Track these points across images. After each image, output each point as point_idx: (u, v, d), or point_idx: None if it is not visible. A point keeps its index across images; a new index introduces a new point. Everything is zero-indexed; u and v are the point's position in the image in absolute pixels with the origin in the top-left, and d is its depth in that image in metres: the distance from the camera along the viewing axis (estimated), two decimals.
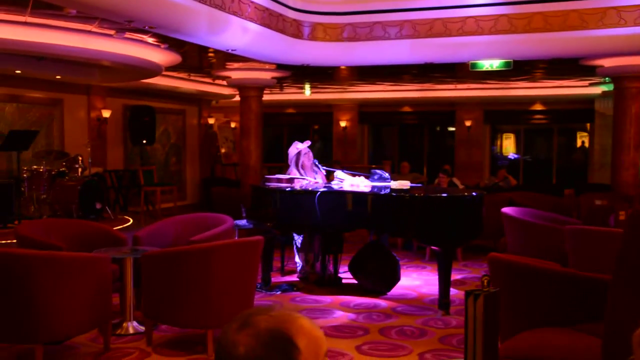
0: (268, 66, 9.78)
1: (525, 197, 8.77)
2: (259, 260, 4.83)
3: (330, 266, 6.66)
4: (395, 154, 17.13)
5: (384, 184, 6.41)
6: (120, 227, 8.77)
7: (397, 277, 6.38)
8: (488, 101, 14.80)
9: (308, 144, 6.71)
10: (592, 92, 13.29)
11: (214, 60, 9.53)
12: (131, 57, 8.25)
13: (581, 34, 7.30)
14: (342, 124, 16.45)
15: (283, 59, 8.69)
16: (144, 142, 12.46)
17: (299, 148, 6.64)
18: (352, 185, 6.41)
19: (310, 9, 7.98)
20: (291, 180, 6.43)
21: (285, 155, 7.43)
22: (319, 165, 6.66)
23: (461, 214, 5.50)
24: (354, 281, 6.55)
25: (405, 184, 6.35)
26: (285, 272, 7.19)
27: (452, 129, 16.11)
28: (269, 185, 6.45)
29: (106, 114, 11.95)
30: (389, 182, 6.47)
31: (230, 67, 10.10)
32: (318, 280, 6.65)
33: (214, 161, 15.73)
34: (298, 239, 6.79)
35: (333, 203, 5.91)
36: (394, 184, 6.35)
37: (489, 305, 2.15)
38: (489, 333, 2.15)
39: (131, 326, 4.92)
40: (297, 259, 6.92)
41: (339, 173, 6.70)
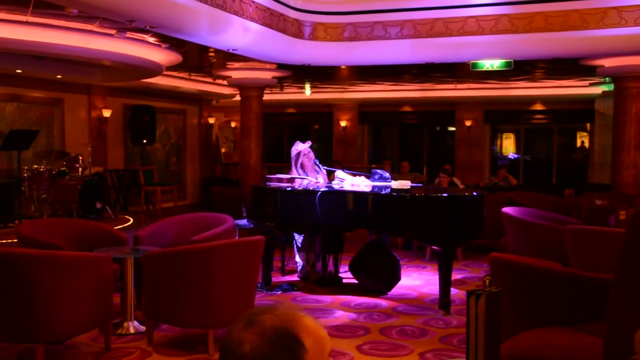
0: (269, 66, 9.78)
1: (525, 196, 8.78)
2: (260, 260, 4.83)
3: (331, 266, 6.67)
4: (396, 153, 17.13)
5: (384, 184, 6.42)
6: (120, 226, 8.78)
7: (398, 276, 6.38)
8: (488, 101, 14.81)
9: (309, 144, 6.71)
10: (592, 92, 13.30)
11: (214, 59, 9.54)
12: (132, 56, 8.25)
13: (582, 34, 7.30)
14: (342, 123, 16.45)
15: (284, 59, 8.70)
16: (145, 141, 12.46)
17: (298, 149, 6.64)
18: (353, 185, 6.41)
19: (311, 8, 7.98)
20: (292, 180, 6.44)
21: (285, 155, 7.43)
22: (320, 165, 6.66)
23: (462, 214, 5.51)
24: (355, 281, 6.56)
25: (405, 183, 6.35)
26: (285, 272, 7.19)
27: (452, 128, 16.12)
28: (269, 185, 6.45)
29: (107, 113, 11.96)
30: (389, 182, 6.47)
31: (231, 66, 10.11)
32: (319, 280, 6.65)
33: (214, 161, 15.74)
34: (298, 238, 6.80)
35: (334, 203, 5.91)
36: (395, 184, 6.36)
37: (490, 305, 2.15)
38: (491, 333, 2.16)
39: (132, 326, 4.92)
40: (297, 258, 6.93)
41: (340, 173, 6.70)
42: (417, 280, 6.91)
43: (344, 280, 6.69)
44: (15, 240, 5.85)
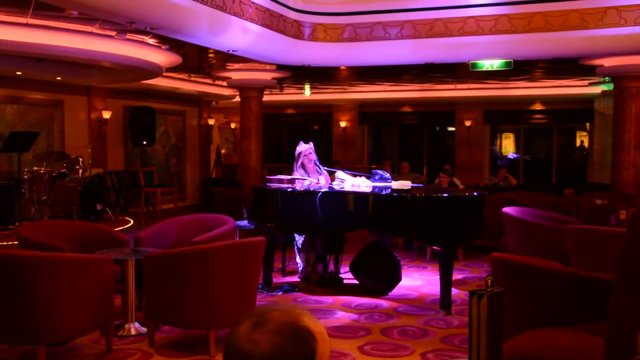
0: (268, 67, 9.78)
1: (525, 196, 8.78)
2: (261, 261, 4.83)
3: (332, 266, 6.67)
4: (395, 154, 17.14)
5: (384, 184, 6.42)
6: (120, 228, 8.77)
7: (399, 277, 6.38)
8: (488, 101, 14.81)
9: (310, 145, 6.71)
10: (591, 92, 13.31)
11: (214, 61, 9.54)
12: (132, 58, 8.25)
13: (581, 33, 7.30)
14: (342, 124, 16.46)
15: (284, 60, 8.70)
16: (144, 143, 12.46)
17: (299, 149, 6.65)
18: (353, 185, 6.41)
19: (310, 9, 7.98)
20: (292, 181, 6.44)
21: (285, 156, 7.44)
22: (320, 166, 6.66)
23: (462, 214, 5.51)
24: (355, 281, 6.56)
25: (406, 184, 6.35)
26: (286, 273, 7.19)
27: (452, 129, 16.12)
28: (270, 186, 6.45)
29: (106, 115, 11.96)
30: (389, 182, 6.48)
31: (231, 67, 10.11)
32: (319, 281, 6.65)
33: (214, 162, 15.74)
34: (299, 239, 6.80)
35: (334, 203, 5.91)
36: (395, 184, 6.36)
37: (493, 305, 2.15)
38: (493, 333, 2.15)
39: (133, 327, 4.92)
40: (298, 259, 6.93)
41: (340, 173, 6.70)
42: (417, 281, 6.91)
43: (345, 281, 6.69)
44: (16, 242, 5.84)
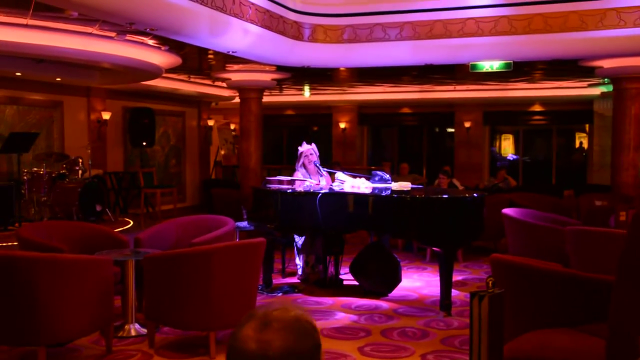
0: (268, 68, 9.78)
1: (524, 198, 8.78)
2: (261, 262, 4.83)
3: (331, 268, 6.67)
4: (395, 155, 17.14)
5: (384, 186, 6.42)
6: (120, 229, 8.76)
7: (398, 278, 6.38)
8: (487, 102, 14.81)
9: (313, 146, 6.70)
10: (591, 93, 13.31)
11: (213, 62, 9.54)
12: (131, 59, 8.25)
13: (581, 35, 7.31)
14: (342, 125, 16.46)
15: (283, 61, 8.70)
16: (144, 144, 12.45)
17: (301, 149, 6.65)
18: (353, 186, 6.41)
19: (310, 10, 7.98)
20: (292, 182, 6.44)
21: (285, 157, 7.43)
22: (320, 167, 6.65)
23: (463, 215, 5.51)
24: (355, 283, 6.55)
25: (406, 185, 6.34)
26: (286, 274, 7.19)
27: (452, 130, 16.13)
28: (270, 187, 6.45)
29: (106, 116, 11.95)
30: (389, 183, 6.48)
31: (230, 68, 10.11)
32: (319, 282, 6.65)
33: (214, 163, 15.74)
34: (299, 240, 6.80)
35: (334, 204, 5.91)
36: (395, 185, 6.35)
37: (494, 307, 2.15)
38: (494, 334, 2.16)
39: (133, 328, 4.92)
40: (298, 260, 6.93)
41: (340, 174, 6.70)
42: (417, 282, 6.91)
43: (345, 282, 6.69)
44: (16, 243, 5.84)
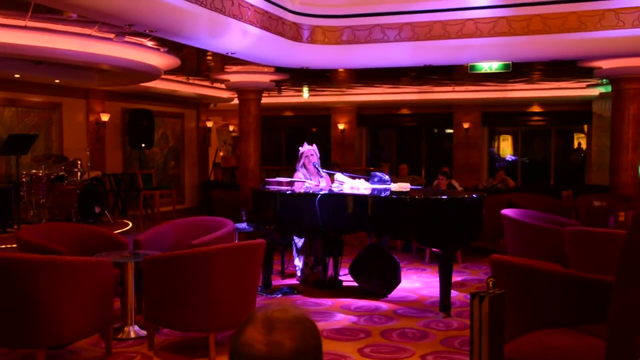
0: (267, 69, 9.78)
1: (523, 198, 8.79)
2: (261, 263, 4.83)
3: (331, 269, 6.66)
4: (394, 156, 17.15)
5: (383, 187, 6.42)
6: (119, 231, 8.75)
7: (398, 279, 6.39)
8: (486, 103, 14.82)
9: (314, 146, 6.70)
10: (589, 94, 13.33)
11: (212, 63, 9.53)
12: (130, 60, 8.24)
13: (580, 35, 7.31)
14: (341, 126, 16.46)
15: (282, 62, 8.70)
16: (143, 145, 12.44)
17: (302, 150, 6.64)
18: (352, 187, 6.41)
19: (309, 12, 7.98)
20: (291, 183, 6.44)
21: (284, 158, 7.42)
22: (319, 168, 6.65)
23: (462, 216, 5.51)
24: (355, 284, 6.55)
25: (405, 186, 6.35)
26: (285, 275, 7.19)
27: (450, 131, 16.14)
28: (269, 188, 6.45)
29: (105, 117, 11.94)
30: (389, 184, 6.48)
31: (229, 70, 10.10)
32: (318, 283, 6.65)
33: (213, 164, 15.73)
34: (298, 241, 6.79)
35: (334, 206, 5.91)
36: (394, 187, 6.36)
37: (494, 307, 2.15)
38: (495, 335, 2.16)
39: (133, 330, 4.92)
40: (297, 261, 6.92)
41: (339, 176, 6.70)
42: (416, 283, 6.91)
43: (344, 283, 6.69)
44: (15, 246, 5.84)
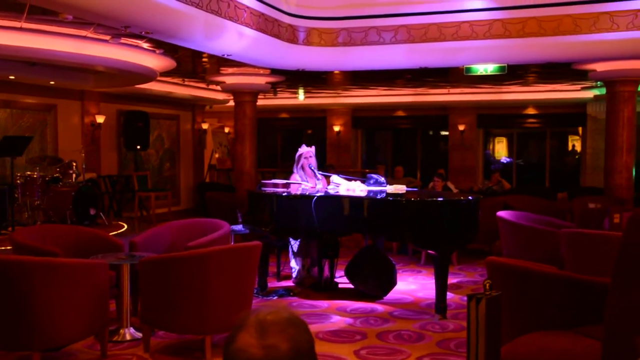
0: (262, 71, 9.78)
1: (518, 200, 8.82)
2: (257, 265, 4.82)
3: (327, 271, 6.66)
4: (389, 158, 17.17)
5: (379, 189, 6.42)
6: (114, 232, 8.72)
7: (394, 281, 6.39)
8: (481, 105, 14.86)
9: (312, 148, 6.69)
10: (584, 97, 13.38)
11: (208, 65, 9.53)
12: (126, 62, 8.23)
13: (574, 38, 7.34)
14: (336, 128, 16.47)
15: (278, 64, 8.70)
16: (138, 147, 12.42)
17: (300, 151, 6.64)
18: (348, 189, 6.41)
19: (305, 14, 7.99)
20: (287, 185, 6.43)
21: (279, 160, 7.41)
22: (315, 171, 6.64)
23: (458, 218, 5.52)
24: (351, 286, 6.55)
25: (401, 188, 6.35)
26: (281, 277, 7.18)
27: (446, 133, 16.16)
28: (265, 190, 6.44)
29: (100, 119, 11.92)
30: (384, 186, 6.47)
31: (225, 72, 10.10)
32: (314, 285, 6.65)
33: (208, 166, 15.71)
34: (294, 243, 6.79)
35: (330, 208, 5.91)
36: (390, 188, 6.36)
37: (491, 309, 2.16)
38: (491, 337, 2.16)
39: (128, 333, 4.90)
40: (293, 263, 6.92)
41: (335, 178, 6.69)
42: (412, 285, 6.91)
43: (340, 286, 6.68)
44: (10, 248, 5.81)
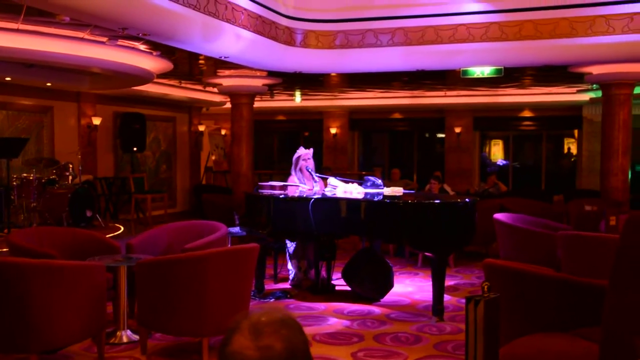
0: (259, 73, 9.79)
1: (515, 203, 8.83)
2: (254, 267, 4.82)
3: (324, 273, 6.66)
4: (386, 160, 17.18)
5: (376, 191, 6.43)
6: (110, 235, 8.72)
7: (391, 283, 6.39)
8: (477, 108, 14.90)
9: (310, 150, 6.69)
10: (580, 99, 13.43)
11: (205, 67, 9.53)
12: (122, 64, 8.22)
13: (571, 41, 7.38)
14: (333, 130, 16.48)
15: (275, 66, 8.71)
16: (135, 149, 12.42)
17: (299, 153, 6.64)
18: (345, 192, 6.41)
19: (302, 16, 8.00)
20: (284, 187, 6.43)
21: (276, 162, 7.40)
22: (313, 173, 6.64)
23: (455, 220, 5.52)
24: (347, 288, 6.55)
25: (398, 190, 6.35)
26: (278, 280, 7.17)
27: (442, 135, 16.19)
28: (262, 193, 6.44)
29: (96, 121, 11.90)
30: (381, 188, 6.48)
31: (222, 74, 10.10)
32: (311, 288, 6.64)
33: (205, 168, 15.70)
34: (291, 246, 6.79)
35: (327, 210, 5.91)
36: (387, 191, 6.36)
37: (489, 311, 2.16)
38: (490, 339, 2.17)
39: (125, 335, 4.89)
40: (289, 266, 6.91)
41: (332, 180, 6.69)
42: (409, 287, 6.92)
43: (337, 288, 6.68)
44: (6, 250, 5.80)
